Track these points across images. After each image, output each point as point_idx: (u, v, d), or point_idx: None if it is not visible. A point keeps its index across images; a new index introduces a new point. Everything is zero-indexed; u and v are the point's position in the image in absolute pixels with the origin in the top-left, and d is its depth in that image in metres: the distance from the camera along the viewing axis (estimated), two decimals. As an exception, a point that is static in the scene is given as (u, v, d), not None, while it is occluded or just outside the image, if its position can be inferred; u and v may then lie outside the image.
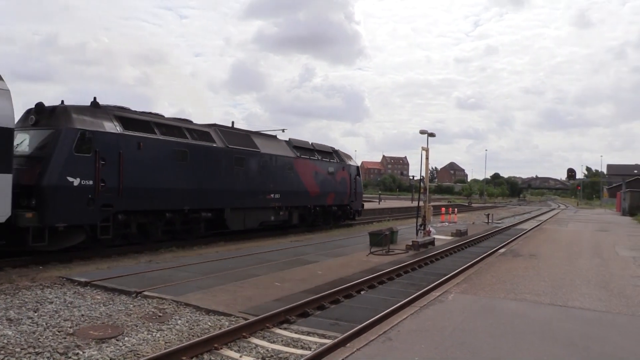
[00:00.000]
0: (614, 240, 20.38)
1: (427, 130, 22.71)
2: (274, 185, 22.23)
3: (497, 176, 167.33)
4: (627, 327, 7.22)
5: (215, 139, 19.32)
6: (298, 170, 24.16)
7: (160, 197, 16.53)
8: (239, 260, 14.38)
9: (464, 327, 6.92)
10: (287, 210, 23.47)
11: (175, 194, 17.05)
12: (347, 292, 10.68)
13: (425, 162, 22.35)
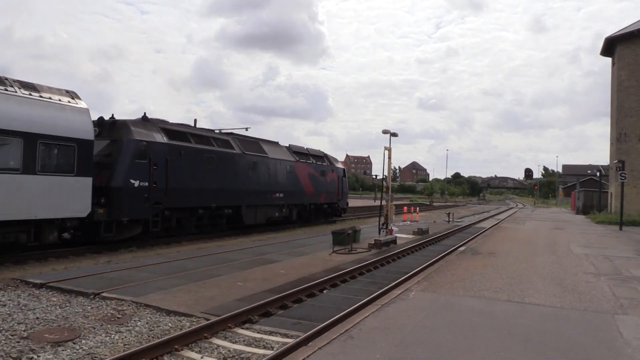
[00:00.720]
0: (569, 238, 21.05)
1: (390, 130, 22.94)
2: (279, 185, 25.45)
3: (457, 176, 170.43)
4: (580, 321, 7.48)
5: (234, 146, 22.41)
6: (297, 173, 27.38)
7: (195, 196, 19.45)
8: (201, 260, 14.22)
9: (425, 325, 7.03)
10: (289, 207, 26.79)
11: (205, 193, 20.00)
12: (310, 291, 10.70)
13: (388, 161, 22.59)
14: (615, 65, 37.38)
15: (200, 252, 15.83)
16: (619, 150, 35.03)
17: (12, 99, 12.97)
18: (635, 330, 7.02)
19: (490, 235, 22.12)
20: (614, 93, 37.41)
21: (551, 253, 15.72)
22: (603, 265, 13.41)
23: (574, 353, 6.02)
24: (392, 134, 23.00)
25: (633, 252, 16.46)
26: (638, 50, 34.16)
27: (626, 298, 9.20)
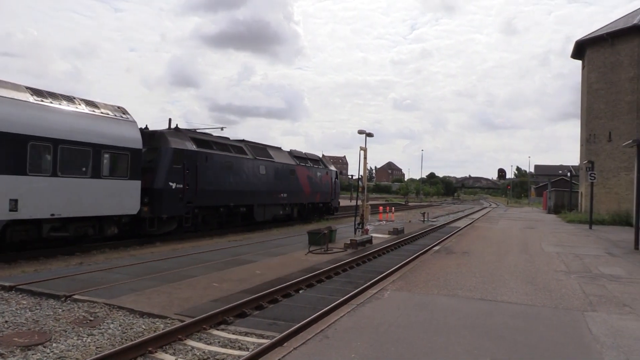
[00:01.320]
0: (540, 237, 21.44)
1: (366, 131, 23.06)
2: (283, 187, 28.40)
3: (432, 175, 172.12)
4: (551, 318, 7.62)
5: (247, 151, 25.34)
6: (298, 175, 30.35)
7: (218, 196, 22.33)
8: (175, 261, 14.08)
9: (399, 324, 7.08)
10: (291, 206, 29.99)
11: (225, 194, 22.88)
12: (286, 291, 10.69)
13: (364, 161, 22.70)
14: (585, 68, 38.18)
15: (174, 253, 15.67)
16: (589, 151, 35.81)
17: (83, 116, 15.92)
18: (604, 326, 7.19)
19: (464, 235, 22.40)
20: (584, 95, 38.22)
21: (523, 252, 15.99)
22: (573, 263, 13.69)
23: (545, 350, 6.13)
24: (367, 134, 23.12)
25: (602, 251, 16.85)
26: (607, 53, 34.95)
27: (595, 295, 9.41)
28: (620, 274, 12.07)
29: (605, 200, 34.46)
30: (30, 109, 14.28)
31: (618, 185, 34.09)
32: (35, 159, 14.29)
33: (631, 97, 33.37)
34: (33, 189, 14.15)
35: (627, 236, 21.93)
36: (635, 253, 16.47)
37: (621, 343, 6.41)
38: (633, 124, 33.05)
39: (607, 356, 5.90)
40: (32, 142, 14.14)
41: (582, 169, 39.26)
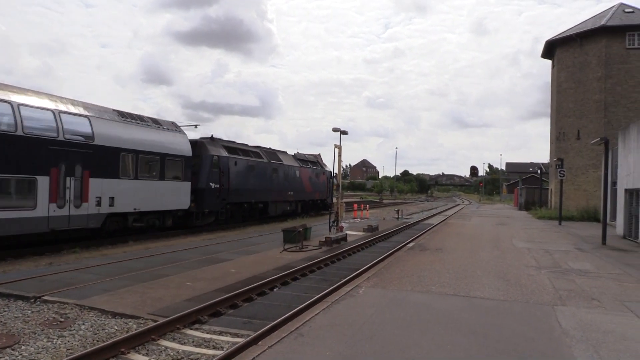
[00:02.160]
0: (512, 233, 21.80)
1: (340, 128, 23.08)
2: (290, 186, 32.88)
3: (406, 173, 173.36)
4: (522, 313, 7.75)
5: (263, 156, 29.66)
6: (301, 176, 34.85)
7: (244, 194, 26.76)
8: (148, 260, 13.90)
9: (374, 320, 7.12)
10: (296, 203, 34.68)
11: (249, 192, 27.30)
12: (261, 289, 10.65)
13: (338, 159, 22.73)
14: (555, 68, 38.93)
15: (147, 252, 15.47)
16: (559, 148, 36.56)
17: (152, 130, 20.13)
18: (573, 320, 7.35)
19: (437, 232, 22.63)
20: (554, 94, 38.99)
21: (495, 248, 16.23)
22: (544, 259, 13.96)
23: (516, 344, 6.23)
24: (342, 132, 23.14)
25: (571, 246, 17.21)
26: (576, 53, 35.70)
27: (565, 290, 9.61)
28: (588, 268, 12.35)
29: (574, 197, 35.23)
30: (118, 127, 18.35)
31: (586, 182, 34.88)
32: (124, 166, 18.27)
33: (599, 96, 34.14)
34: (123, 189, 18.15)
35: (595, 232, 22.46)
36: (603, 248, 16.88)
37: (590, 336, 6.55)
38: (600, 122, 33.84)
39: (576, 349, 6.03)
40: (122, 153, 18.17)
41: (552, 167, 40.07)
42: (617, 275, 11.47)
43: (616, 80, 33.61)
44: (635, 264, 13.21)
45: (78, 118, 16.69)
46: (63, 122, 15.93)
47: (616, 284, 10.30)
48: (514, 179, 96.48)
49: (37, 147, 14.95)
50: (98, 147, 17.10)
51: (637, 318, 7.56)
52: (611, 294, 9.28)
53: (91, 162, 16.80)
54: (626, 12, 35.75)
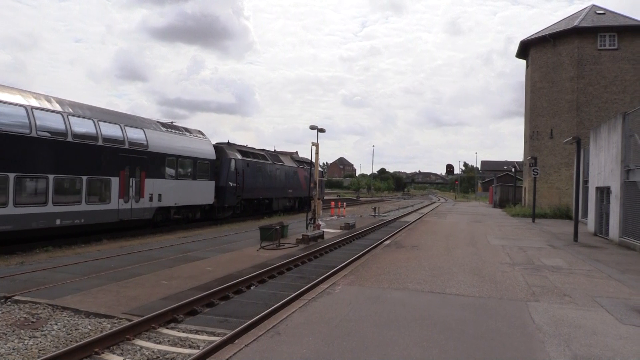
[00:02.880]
0: (486, 231, 22.10)
1: (317, 126, 23.08)
2: (290, 185, 37.38)
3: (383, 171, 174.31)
4: (497, 309, 7.87)
5: (268, 158, 34.15)
6: (298, 175, 39.21)
7: (254, 191, 30.98)
8: (123, 259, 13.72)
9: (351, 318, 7.14)
10: (294, 199, 39.13)
11: (258, 190, 31.66)
12: (237, 287, 10.61)
13: (316, 157, 22.74)
14: (529, 68, 39.54)
15: (122, 251, 15.27)
16: (532, 147, 37.18)
17: (186, 138, 24.50)
18: (546, 315, 7.48)
19: (414, 229, 22.82)
20: (528, 94, 39.60)
21: (470, 245, 16.44)
22: (517, 255, 14.18)
23: (491, 339, 6.32)
24: (319, 130, 23.16)
25: (544, 243, 17.53)
26: (549, 54, 36.33)
27: (538, 286, 9.78)
28: (560, 265, 12.59)
29: (547, 195, 35.88)
30: (163, 135, 22.70)
31: (559, 180, 35.57)
32: (168, 168, 22.46)
33: (571, 96, 34.81)
34: (167, 187, 22.34)
35: (567, 229, 22.90)
36: (575, 245, 17.23)
37: (562, 331, 6.69)
38: (573, 121, 34.51)
39: (548, 344, 6.15)
40: (167, 157, 22.45)
41: (526, 165, 40.73)
42: (588, 271, 11.72)
43: (588, 80, 34.31)
44: (605, 260, 13.52)
45: (137, 130, 20.95)
46: (127, 134, 20.07)
47: (587, 280, 10.53)
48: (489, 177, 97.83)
49: (112, 155, 19.02)
50: (151, 153, 21.29)
51: (607, 313, 7.74)
52: (582, 290, 9.48)
53: (146, 165, 20.91)
54: (598, 13, 36.51)
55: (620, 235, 17.34)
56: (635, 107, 20.06)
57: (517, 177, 50.90)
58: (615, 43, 33.93)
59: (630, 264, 13.03)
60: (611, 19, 35.41)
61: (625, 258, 14.11)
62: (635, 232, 15.87)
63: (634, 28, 33.93)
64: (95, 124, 18.17)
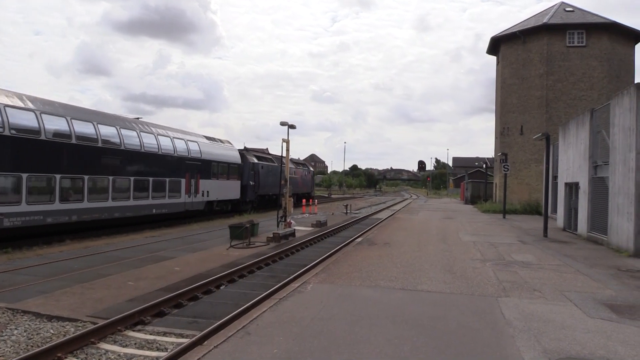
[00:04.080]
0: (458, 227, 22.41)
1: (288, 122, 23.04)
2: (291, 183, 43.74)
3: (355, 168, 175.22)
4: (468, 305, 7.99)
5: (274, 160, 40.46)
6: (296, 175, 45.33)
7: (266, 189, 37.62)
8: (88, 259, 13.47)
9: (322, 316, 7.16)
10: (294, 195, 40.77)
11: (268, 187, 37.99)
12: (206, 287, 10.53)
13: (286, 153, 22.69)
14: (499, 64, 40.23)
15: (86, 251, 14.98)
16: (503, 143, 37.85)
17: (222, 147, 31.77)
18: (516, 311, 7.64)
19: (386, 226, 22.99)
20: (499, 90, 40.30)
21: (442, 241, 16.65)
22: (488, 251, 14.43)
23: (462, 335, 6.42)
24: (289, 126, 23.12)
25: (514, 239, 17.88)
26: (519, 50, 37.01)
27: (508, 281, 9.97)
28: (530, 260, 12.86)
29: (517, 191, 36.60)
30: (208, 146, 30.25)
31: (529, 176, 36.32)
32: (213, 171, 29.79)
33: (540, 93, 35.57)
34: (212, 185, 29.52)
35: (537, 225, 23.40)
36: (544, 240, 17.62)
37: (532, 326, 6.83)
38: (542, 118, 35.28)
39: (518, 339, 6.27)
40: (212, 163, 29.78)
41: (496, 161, 41.43)
42: (557, 266, 12.00)
43: (557, 77, 35.10)
44: (573, 255, 13.87)
45: (194, 143, 28.69)
46: (190, 147, 27.96)
47: (556, 275, 10.78)
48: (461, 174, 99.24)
49: (181, 162, 26.70)
50: (203, 160, 29.01)
51: (576, 307, 7.94)
52: (551, 285, 9.70)
53: (200, 169, 28.39)
54: (567, 10, 37.36)
55: (589, 230, 17.81)
56: (602, 103, 20.60)
57: (488, 173, 51.74)
58: (583, 40, 34.78)
59: (597, 258, 13.40)
60: (580, 16, 36.29)
61: (593, 253, 14.50)
62: (603, 227, 16.31)
63: (602, 25, 34.86)
64: (171, 141, 26.12)
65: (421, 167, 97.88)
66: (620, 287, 9.61)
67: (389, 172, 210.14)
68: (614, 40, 35.00)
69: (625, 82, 33.89)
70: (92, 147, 19.95)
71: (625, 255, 13.75)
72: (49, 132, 17.85)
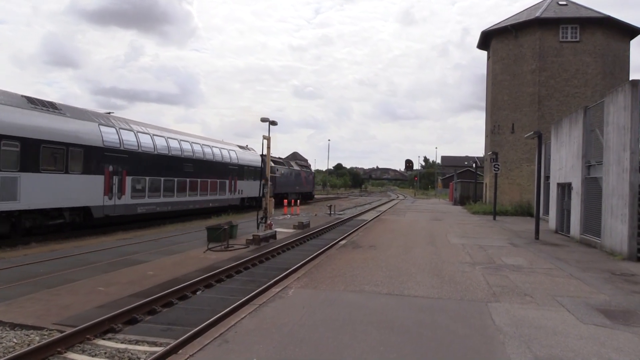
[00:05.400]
0: (446, 229, 22.57)
1: (269, 118, 22.95)
2: (297, 183, 53.99)
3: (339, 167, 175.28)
4: (457, 311, 8.05)
5: (285, 164, 51.32)
6: (301, 176, 56.56)
7: (279, 188, 43.95)
8: (55, 263, 13.30)
9: (304, 323, 7.15)
10: (298, 194, 52.50)
11: (282, 187, 46.67)
12: (182, 293, 10.46)
13: (267, 151, 22.62)
14: (490, 59, 40.59)
15: (53, 255, 14.79)
16: (493, 142, 38.21)
17: (249, 153, 41.78)
18: (506, 316, 7.71)
19: (371, 228, 23.06)
20: (489, 86, 40.65)
21: (430, 244, 16.75)
22: (478, 254, 14.55)
23: (450, 342, 6.46)
24: (271, 123, 23.04)
25: (505, 242, 18.05)
26: (511, 45, 37.37)
27: (498, 286, 10.07)
28: (521, 264, 13.00)
29: (508, 191, 36.97)
30: (241, 153, 39.69)
31: (520, 177, 36.70)
32: (244, 173, 38.71)
33: (532, 89, 35.95)
34: (244, 185, 38.55)
35: (528, 226, 23.66)
36: (536, 243, 17.82)
37: (523, 332, 6.90)
38: (534, 115, 35.65)
39: (509, 346, 6.33)
40: (244, 167, 38.93)
41: (486, 160, 41.80)
42: (549, 270, 12.14)
43: (550, 73, 35.49)
44: (566, 259, 14.04)
45: (233, 152, 38.02)
46: (231, 155, 37.08)
47: (548, 279, 10.91)
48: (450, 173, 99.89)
49: (226, 167, 35.80)
50: (239, 164, 38.27)
51: (568, 312, 8.04)
52: (543, 289, 9.81)
53: (237, 172, 37.61)
54: (560, 4, 37.80)
55: (581, 232, 18.06)
56: (596, 101, 20.89)
57: (478, 172, 52.15)
58: (577, 35, 35.21)
59: (590, 262, 13.59)
60: (573, 10, 36.74)
61: (586, 256, 14.70)
62: (596, 229, 16.54)
63: (596, 20, 35.31)
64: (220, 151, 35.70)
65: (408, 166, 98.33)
66: (614, 292, 9.76)
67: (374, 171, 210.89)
68: (609, 35, 35.50)
69: (620, 79, 34.43)
70: (178, 157, 29.26)
71: (619, 259, 13.97)
72: (157, 147, 27.21)
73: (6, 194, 17.15)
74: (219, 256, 15.41)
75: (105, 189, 22.36)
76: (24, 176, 17.87)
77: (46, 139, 19.00)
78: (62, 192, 19.84)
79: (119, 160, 23.42)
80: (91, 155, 21.61)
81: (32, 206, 18.35)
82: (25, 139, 17.98)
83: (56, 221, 20.14)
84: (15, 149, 17.57)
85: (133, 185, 24.53)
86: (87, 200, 21.37)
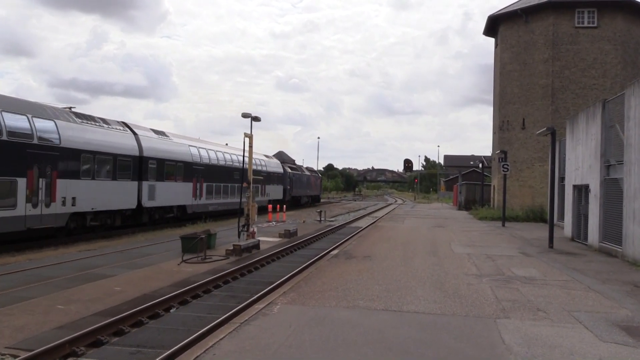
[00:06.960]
0: (450, 237, 22.63)
1: (251, 114, 22.90)
2: (308, 187, 69.39)
3: (330, 167, 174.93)
4: (462, 328, 8.06)
5: (298, 169, 67.89)
6: (311, 180, 70.75)
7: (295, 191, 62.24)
8: (6, 279, 13.19)
9: (291, 343, 7.13)
10: (309, 197, 70.76)
11: (297, 190, 63.01)
12: (153, 311, 10.43)
13: (249, 150, 22.58)
14: (498, 47, 40.69)
15: (4, 269, 14.65)
16: (502, 139, 38.30)
17: (273, 162, 56.85)
18: (517, 334, 7.73)
19: (366, 236, 23.08)
20: (497, 77, 40.78)
21: (432, 254, 16.79)
22: (485, 265, 14.60)
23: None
24: (253, 118, 22.99)
25: (515, 251, 18.13)
26: (521, 31, 37.45)
27: (508, 300, 10.10)
28: (534, 275, 13.05)
29: (518, 194, 37.06)
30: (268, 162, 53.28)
31: (532, 178, 36.78)
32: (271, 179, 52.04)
33: (545, 81, 36.02)
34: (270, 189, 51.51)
35: (541, 234, 23.76)
36: (550, 252, 17.91)
37: (535, 352, 6.92)
38: (547, 109, 35.72)
39: (520, 368, 6.35)
40: (270, 175, 51.31)
41: (494, 160, 41.88)
42: (564, 282, 12.20)
43: (564, 62, 35.60)
44: (583, 270, 14.13)
45: (264, 162, 50.44)
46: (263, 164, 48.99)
47: (564, 293, 10.96)
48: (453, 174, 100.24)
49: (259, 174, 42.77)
50: (267, 172, 49.48)
51: (586, 330, 8.08)
52: (558, 304, 9.85)
53: (266, 179, 48.11)
54: (574, -15, 37.97)
55: (600, 240, 18.15)
56: (616, 93, 21.02)
57: (484, 173, 52.39)
58: (594, 20, 35.34)
59: (611, 272, 13.68)
60: (590, -8, 36.91)
61: (605, 266, 14.80)
62: (617, 237, 16.62)
63: (616, 3, 35.30)
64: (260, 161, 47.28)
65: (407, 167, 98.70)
66: (637, 306, 9.82)
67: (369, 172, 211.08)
68: (630, 20, 35.70)
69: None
70: (230, 167, 41.02)
71: (642, 269, 14.07)
72: (219, 160, 39.56)
73: (150, 195, 29.00)
74: (195, 269, 15.35)
75: (193, 192, 34.48)
76: (158, 184, 29.90)
77: (167, 158, 31.36)
78: (174, 195, 32.03)
79: (199, 171, 35.49)
80: (186, 168, 33.60)
81: (161, 204, 30.55)
82: (160, 160, 30.37)
83: (169, 215, 31.93)
84: (153, 166, 29.55)
85: (207, 189, 36.73)
86: (184, 200, 33.46)
